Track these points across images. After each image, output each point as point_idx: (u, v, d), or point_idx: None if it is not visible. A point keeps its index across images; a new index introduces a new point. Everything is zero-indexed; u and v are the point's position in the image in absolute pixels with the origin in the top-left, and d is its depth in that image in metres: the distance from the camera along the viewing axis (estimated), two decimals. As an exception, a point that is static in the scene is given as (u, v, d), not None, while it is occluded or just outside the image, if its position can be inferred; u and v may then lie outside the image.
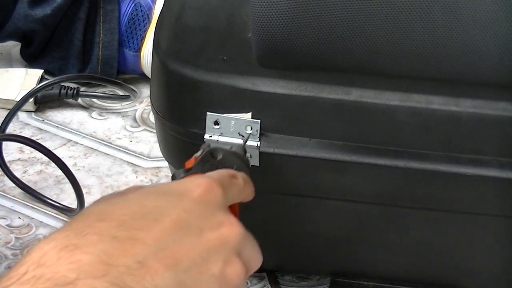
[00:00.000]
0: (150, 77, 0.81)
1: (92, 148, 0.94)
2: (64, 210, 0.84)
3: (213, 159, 0.57)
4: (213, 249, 0.47)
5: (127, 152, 0.93)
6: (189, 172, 0.55)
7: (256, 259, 0.51)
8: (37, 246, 0.43)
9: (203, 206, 0.49)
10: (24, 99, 0.92)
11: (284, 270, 0.78)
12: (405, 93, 0.63)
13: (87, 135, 0.96)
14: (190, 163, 0.56)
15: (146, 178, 0.89)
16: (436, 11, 0.59)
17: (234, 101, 0.65)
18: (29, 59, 1.07)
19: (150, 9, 1.04)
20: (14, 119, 0.92)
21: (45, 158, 0.87)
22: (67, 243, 0.43)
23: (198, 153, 0.58)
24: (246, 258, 0.49)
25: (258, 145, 0.65)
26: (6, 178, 0.87)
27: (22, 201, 0.86)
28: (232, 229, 0.48)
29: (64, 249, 0.42)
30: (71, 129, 0.97)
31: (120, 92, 1.01)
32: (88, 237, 0.43)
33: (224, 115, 0.65)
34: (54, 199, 0.85)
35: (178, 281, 0.44)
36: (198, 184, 0.50)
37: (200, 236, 0.47)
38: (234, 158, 0.58)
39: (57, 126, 0.97)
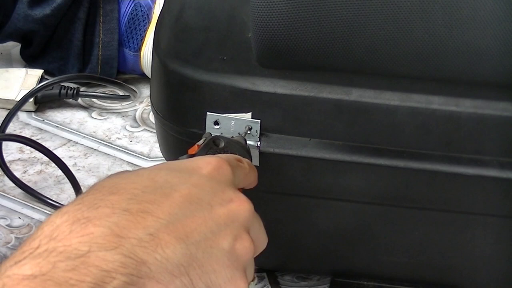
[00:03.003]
0: (150, 77, 0.81)
1: (92, 148, 0.94)
2: (64, 210, 0.84)
3: (216, 147, 0.58)
4: (223, 224, 0.47)
5: (127, 152, 0.93)
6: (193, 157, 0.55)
7: (263, 239, 0.52)
8: (49, 219, 0.43)
9: (213, 182, 0.49)
10: (24, 99, 0.93)
11: (284, 270, 0.78)
12: (405, 93, 0.63)
13: (87, 135, 0.96)
14: (193, 150, 0.57)
15: (146, 178, 0.89)
16: (436, 11, 0.59)
17: (234, 101, 0.65)
18: (29, 59, 1.07)
19: (150, 9, 1.04)
20: (14, 119, 0.92)
21: (45, 158, 0.87)
22: (79, 216, 0.43)
23: (201, 141, 0.58)
24: (254, 236, 0.49)
25: (258, 145, 0.65)
26: (6, 178, 0.87)
27: (22, 201, 0.86)
28: (241, 205, 0.49)
29: (76, 222, 0.43)
30: (71, 129, 0.97)
31: (120, 92, 1.01)
32: (100, 210, 0.44)
33: (224, 115, 0.65)
34: (54, 199, 0.85)
35: (189, 254, 0.44)
36: (208, 162, 0.51)
37: (210, 211, 0.47)
38: (236, 146, 0.59)
39: (57, 126, 0.97)
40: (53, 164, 0.86)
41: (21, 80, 1.01)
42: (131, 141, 0.95)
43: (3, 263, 0.41)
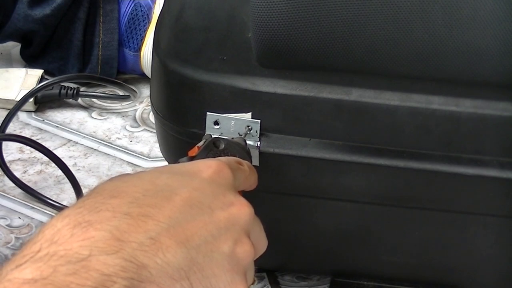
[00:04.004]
0: (150, 77, 0.81)
1: (92, 148, 0.94)
2: (64, 210, 0.84)
3: (216, 148, 0.58)
4: (223, 228, 0.47)
5: (127, 152, 0.93)
6: (193, 159, 0.56)
7: (263, 242, 0.52)
8: (50, 223, 0.43)
9: (213, 186, 0.49)
10: (24, 99, 0.93)
11: (284, 270, 0.78)
12: (405, 93, 0.63)
13: (87, 135, 0.96)
14: (193, 152, 0.57)
15: (146, 178, 0.89)
16: (436, 11, 0.59)
17: (234, 101, 0.65)
18: (29, 59, 1.07)
19: (150, 9, 1.04)
20: (14, 119, 0.92)
21: (45, 158, 0.87)
22: (80, 220, 0.43)
23: (201, 143, 0.58)
24: (254, 240, 0.49)
25: (258, 145, 0.65)
26: (6, 178, 0.87)
27: (22, 201, 0.86)
28: (242, 209, 0.49)
29: (77, 226, 0.43)
30: (71, 129, 0.97)
31: (120, 92, 1.01)
32: (101, 213, 0.44)
33: (224, 115, 0.65)
34: (54, 199, 0.85)
35: (190, 258, 0.44)
36: (208, 165, 0.51)
37: (211, 215, 0.47)
38: (236, 147, 0.59)
39: (57, 126, 0.97)
40: (53, 164, 0.86)
41: (21, 80, 1.01)
42: (131, 141, 0.95)
43: (4, 266, 0.41)
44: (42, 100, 1.00)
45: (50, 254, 0.41)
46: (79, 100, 1.01)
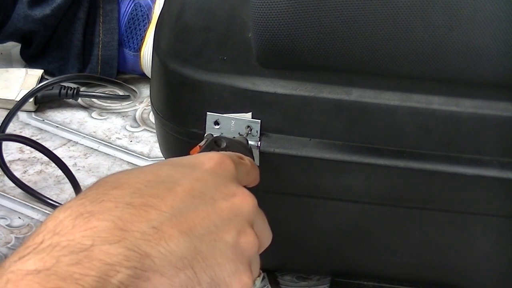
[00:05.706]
0: (150, 77, 0.81)
1: (92, 148, 0.94)
2: (64, 210, 0.84)
3: (218, 147, 0.58)
4: (226, 218, 0.47)
5: (127, 152, 0.93)
6: None
7: (267, 234, 0.52)
8: (53, 215, 0.43)
9: (216, 177, 0.49)
10: (24, 99, 0.93)
11: (284, 270, 0.78)
12: (405, 93, 0.63)
13: (87, 135, 0.96)
14: (195, 151, 0.57)
15: (146, 178, 0.89)
16: (436, 11, 0.59)
17: (234, 101, 0.65)
18: (29, 59, 1.07)
19: (150, 9, 1.04)
20: (14, 119, 0.92)
21: (45, 158, 0.87)
22: (82, 211, 0.43)
23: (202, 142, 0.58)
24: (258, 231, 0.49)
25: (258, 145, 0.65)
26: (6, 178, 0.87)
27: (22, 201, 0.86)
28: (245, 199, 0.49)
29: (79, 216, 0.43)
30: (71, 129, 0.97)
31: (120, 92, 1.01)
32: (103, 204, 0.44)
33: (224, 115, 0.65)
34: (54, 199, 0.85)
35: (193, 247, 0.45)
36: (210, 157, 0.51)
37: (214, 205, 0.47)
38: (238, 146, 0.59)
39: (57, 126, 0.97)
40: (53, 164, 0.86)
41: (21, 80, 1.01)
42: (131, 141, 0.95)
43: (7, 258, 0.41)
44: (42, 100, 1.00)
45: (53, 245, 0.41)
46: (79, 100, 1.02)
